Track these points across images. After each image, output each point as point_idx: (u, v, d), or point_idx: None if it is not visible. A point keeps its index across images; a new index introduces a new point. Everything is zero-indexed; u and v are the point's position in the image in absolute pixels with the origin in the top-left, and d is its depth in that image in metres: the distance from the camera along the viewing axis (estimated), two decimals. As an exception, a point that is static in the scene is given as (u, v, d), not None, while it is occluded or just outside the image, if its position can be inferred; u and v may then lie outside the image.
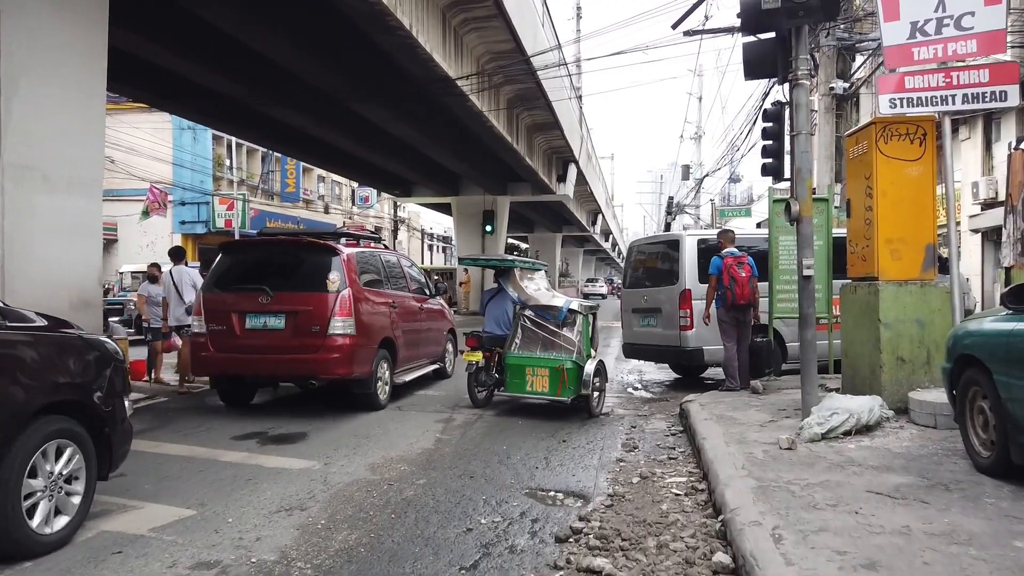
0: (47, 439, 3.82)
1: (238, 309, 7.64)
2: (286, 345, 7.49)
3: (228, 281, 7.97)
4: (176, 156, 32.37)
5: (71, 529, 3.97)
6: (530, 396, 7.91)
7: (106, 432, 4.24)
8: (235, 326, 7.62)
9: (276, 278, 7.76)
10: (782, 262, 8.79)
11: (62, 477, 3.93)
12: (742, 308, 8.37)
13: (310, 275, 7.70)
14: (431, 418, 7.77)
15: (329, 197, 47.83)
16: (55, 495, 3.89)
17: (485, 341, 8.11)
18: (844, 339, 6.61)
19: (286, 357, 7.51)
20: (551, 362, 7.61)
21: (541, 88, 20.30)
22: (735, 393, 8.01)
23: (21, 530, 3.64)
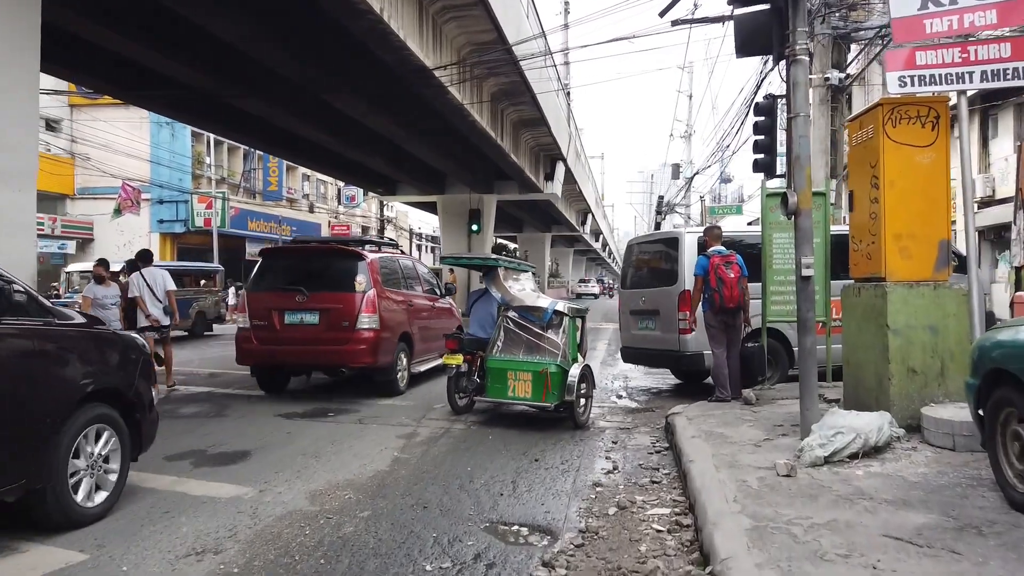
0: (89, 423, 4.33)
1: (278, 307, 8.76)
2: (320, 338, 8.67)
3: (268, 282, 9.10)
4: (153, 153, 31.52)
5: (109, 503, 4.50)
6: (512, 402, 7.44)
7: (137, 418, 4.77)
8: (275, 322, 8.77)
9: (310, 280, 8.81)
10: (776, 261, 8.14)
11: (101, 457, 4.46)
12: (731, 312, 7.73)
13: (340, 277, 8.81)
14: (393, 432, 7.07)
15: (314, 196, 47.00)
16: (95, 473, 4.41)
17: (466, 343, 7.71)
18: (846, 346, 5.95)
19: (320, 348, 8.70)
20: (534, 366, 7.16)
21: (526, 82, 19.60)
22: (726, 404, 7.34)
23: (69, 503, 4.16)
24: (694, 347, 8.67)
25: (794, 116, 5.38)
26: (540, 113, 23.39)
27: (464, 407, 7.90)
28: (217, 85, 14.57)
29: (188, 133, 32.58)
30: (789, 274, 8.10)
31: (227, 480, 5.34)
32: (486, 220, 31.42)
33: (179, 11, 10.97)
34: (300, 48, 13.02)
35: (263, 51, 12.93)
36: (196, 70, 13.75)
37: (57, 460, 4.05)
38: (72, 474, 4.18)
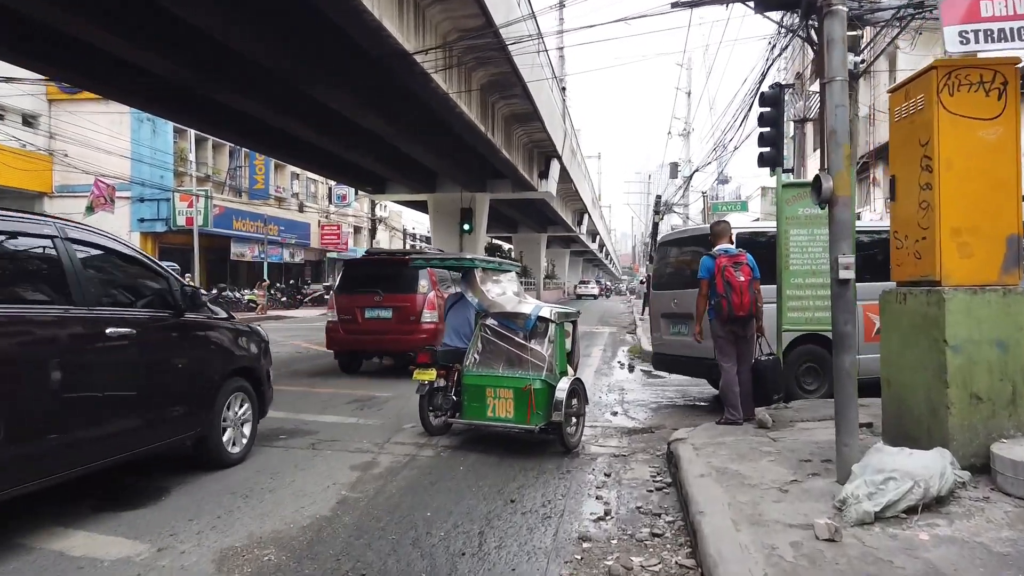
0: (233, 391, 5.92)
1: (359, 305, 11.18)
2: (392, 329, 10.98)
3: (351, 286, 11.52)
4: (134, 150, 30.45)
5: (244, 453, 6.01)
6: (492, 424, 6.48)
7: (262, 389, 6.39)
8: (357, 317, 11.18)
9: (384, 284, 11.12)
10: (794, 261, 7.12)
11: (239, 418, 6.02)
12: (741, 320, 6.70)
13: (407, 282, 10.98)
14: (347, 461, 6.02)
15: (304, 195, 45.92)
16: (237, 429, 5.96)
17: (440, 356, 6.77)
18: (885, 364, 4.92)
19: (391, 338, 11.04)
20: (516, 381, 6.33)
21: (517, 73, 18.60)
22: (737, 428, 6.30)
23: (221, 449, 5.72)
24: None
25: (829, 81, 4.35)
26: (533, 107, 22.40)
27: (439, 428, 6.95)
28: (193, 77, 13.54)
29: (170, 129, 31.50)
30: (808, 276, 7.09)
31: (124, 532, 4.29)
32: (478, 219, 30.45)
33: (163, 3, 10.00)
34: (275, 36, 12.04)
35: (238, 39, 11.96)
36: (171, 61, 12.76)
37: (216, 416, 5.65)
38: (223, 429, 5.77)
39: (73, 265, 4.44)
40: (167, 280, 5.39)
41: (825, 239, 6.99)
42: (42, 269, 4.38)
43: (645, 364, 13.74)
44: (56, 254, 4.35)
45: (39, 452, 4.02)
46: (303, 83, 13.52)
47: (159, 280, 5.36)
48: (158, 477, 5.51)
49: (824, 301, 7.04)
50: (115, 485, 5.28)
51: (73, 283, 4.40)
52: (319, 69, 12.87)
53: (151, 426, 4.96)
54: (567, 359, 6.86)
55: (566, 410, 6.21)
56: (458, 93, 16.42)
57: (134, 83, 13.58)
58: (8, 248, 4.17)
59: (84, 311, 4.41)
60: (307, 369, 12.34)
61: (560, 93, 31.68)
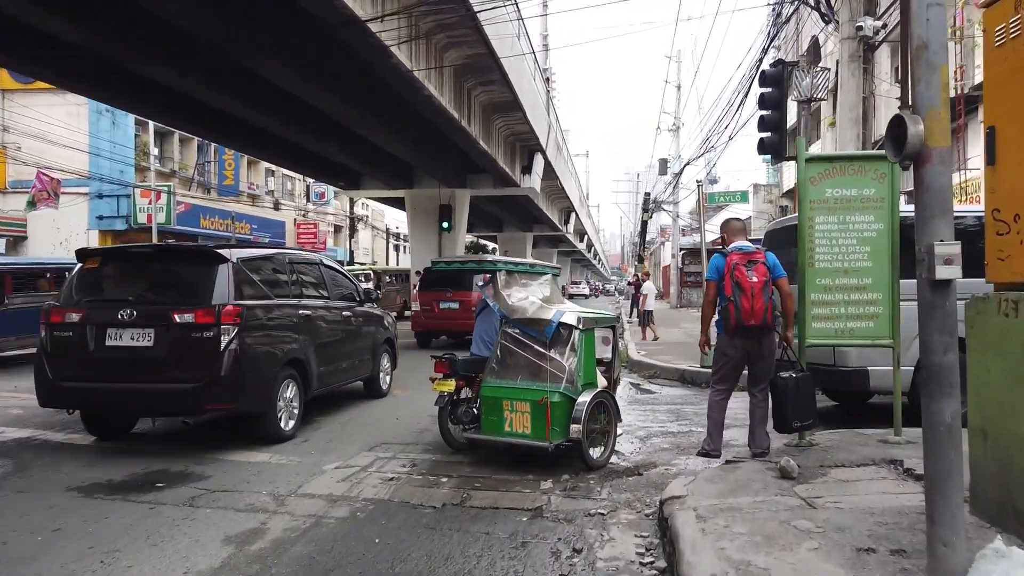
0: (384, 352, 9.29)
1: (436, 300, 15.92)
2: (460, 316, 15.24)
3: (429, 286, 16.20)
4: (92, 144, 28.61)
5: (389, 388, 9.53)
6: (510, 440, 5.90)
7: (395, 352, 9.77)
8: (434, 308, 15.98)
9: (453, 283, 15.39)
10: (820, 257, 5.57)
11: (387, 368, 9.50)
12: (754, 332, 5.36)
13: (468, 281, 14.78)
14: (225, 528, 4.41)
15: (280, 193, 44.14)
16: (386, 374, 9.48)
17: (459, 365, 6.34)
18: (980, 404, 3.37)
19: (458, 322, 15.24)
20: (533, 393, 5.78)
21: (494, 55, 16.99)
22: (753, 485, 4.70)
23: (380, 387, 9.28)
24: (856, 360, 6.66)
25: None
26: (513, 95, 20.79)
27: (464, 443, 6.36)
28: (111, 47, 11.84)
29: (131, 122, 29.72)
30: (838, 276, 5.54)
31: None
32: (458, 217, 28.81)
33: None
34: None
35: (161, 3, 10.29)
36: (85, 28, 11.06)
37: (378, 365, 9.07)
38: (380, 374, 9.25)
39: (325, 278, 8.25)
40: (354, 284, 9.07)
41: (862, 227, 5.49)
42: (318, 281, 8.09)
43: (632, 375, 12.18)
44: (320, 272, 8.22)
45: (325, 373, 7.59)
46: (243, 55, 11.86)
47: (350, 284, 8.93)
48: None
49: (860, 308, 5.51)
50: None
51: (327, 287, 8.20)
52: (256, 36, 11.22)
53: (355, 368, 8.45)
54: (607, 369, 6.53)
55: (589, 426, 5.73)
56: (426, 71, 14.80)
57: (42, 54, 11.89)
58: (306, 269, 7.92)
59: (331, 301, 8.09)
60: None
61: (544, 84, 30.16)
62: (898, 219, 5.48)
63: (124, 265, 6.98)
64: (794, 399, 5.31)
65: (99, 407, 6.72)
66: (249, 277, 6.70)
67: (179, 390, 6.08)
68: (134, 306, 6.19)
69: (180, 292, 6.48)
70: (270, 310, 6.80)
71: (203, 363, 6.05)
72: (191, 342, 6.08)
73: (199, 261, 6.69)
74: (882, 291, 5.47)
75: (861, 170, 5.51)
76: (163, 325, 6.11)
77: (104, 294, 6.61)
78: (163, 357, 6.09)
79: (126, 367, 6.17)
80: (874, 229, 5.48)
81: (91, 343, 6.19)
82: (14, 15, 10.72)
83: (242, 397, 6.29)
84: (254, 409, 6.52)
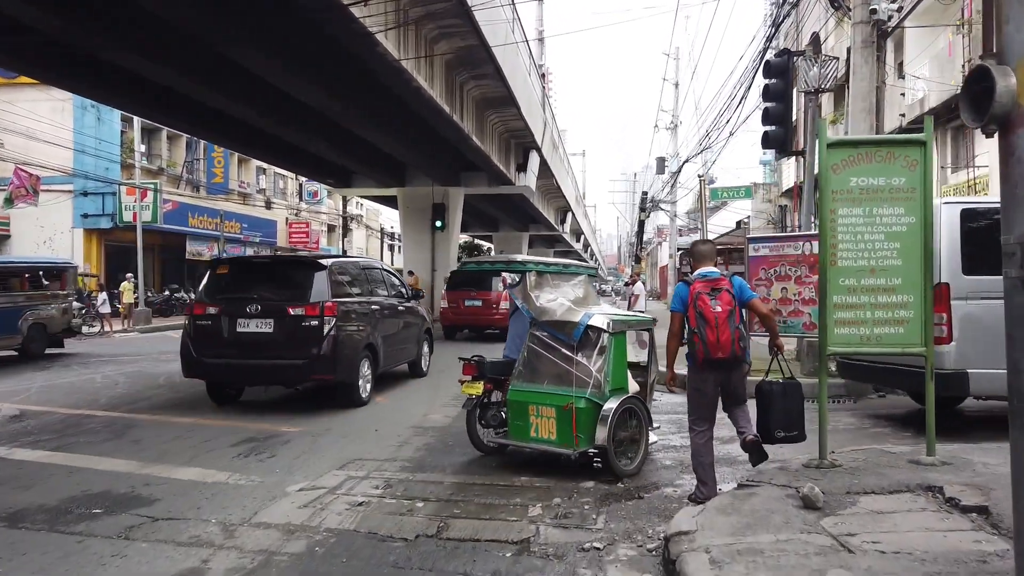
0: (424, 340, 11.10)
1: (461, 297, 18.14)
2: (484, 313, 17.98)
3: (455, 286, 18.55)
4: (77, 140, 27.90)
5: (429, 367, 11.06)
6: (536, 446, 5.78)
7: (432, 340, 11.58)
8: (460, 304, 18.20)
9: (477, 283, 17.86)
10: (844, 254, 4.95)
11: (425, 354, 11.20)
12: (723, 365, 4.73)
13: (490, 282, 17.81)
14: (161, 568, 3.79)
15: (272, 191, 43.45)
16: (425, 359, 11.22)
17: (488, 368, 6.23)
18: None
19: (481, 317, 18.08)
20: (558, 398, 5.61)
21: (486, 47, 16.36)
22: (773, 513, 4.08)
23: (421, 368, 11.05)
24: (954, 362, 6.31)
25: None
26: (507, 90, 20.17)
27: (494, 447, 6.25)
28: (83, 34, 11.19)
29: (117, 118, 29.05)
30: (864, 275, 4.93)
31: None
32: (452, 215, 28.21)
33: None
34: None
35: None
36: (55, 16, 10.40)
37: (420, 351, 10.84)
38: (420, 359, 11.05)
39: (384, 279, 10.25)
40: (402, 283, 11.07)
41: (891, 221, 4.88)
42: (380, 282, 10.00)
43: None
44: (381, 275, 10.22)
45: (387, 354, 9.33)
46: (219, 42, 11.22)
47: (400, 285, 10.88)
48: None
49: (889, 312, 4.90)
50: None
51: (386, 286, 10.08)
52: (232, 21, 10.57)
53: (405, 352, 10.36)
54: (643, 373, 6.28)
55: (617, 433, 5.49)
56: (415, 62, 14.17)
57: (13, 41, 11.23)
58: (372, 273, 9.97)
59: (389, 299, 9.92)
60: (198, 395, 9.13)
61: (540, 79, 29.57)
62: (932, 212, 4.86)
63: (247, 271, 9.40)
64: (780, 407, 4.86)
65: (230, 378, 8.72)
66: (339, 280, 8.71)
67: (293, 364, 8.08)
68: (258, 302, 8.16)
69: (291, 292, 8.38)
70: (354, 305, 8.79)
71: (310, 344, 7.99)
72: (301, 329, 8.05)
73: (304, 268, 8.92)
74: (913, 293, 4.86)
75: (890, 156, 4.90)
76: (280, 316, 8.10)
77: (234, 293, 8.46)
78: (280, 340, 8.05)
79: (252, 348, 8.12)
80: (904, 223, 4.87)
81: (225, 330, 8.16)
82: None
83: (338, 370, 8.21)
84: (346, 379, 8.33)
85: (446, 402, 8.73)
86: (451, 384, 8.05)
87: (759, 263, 10.18)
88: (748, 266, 10.29)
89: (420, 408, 8.53)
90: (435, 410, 8.39)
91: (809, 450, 5.17)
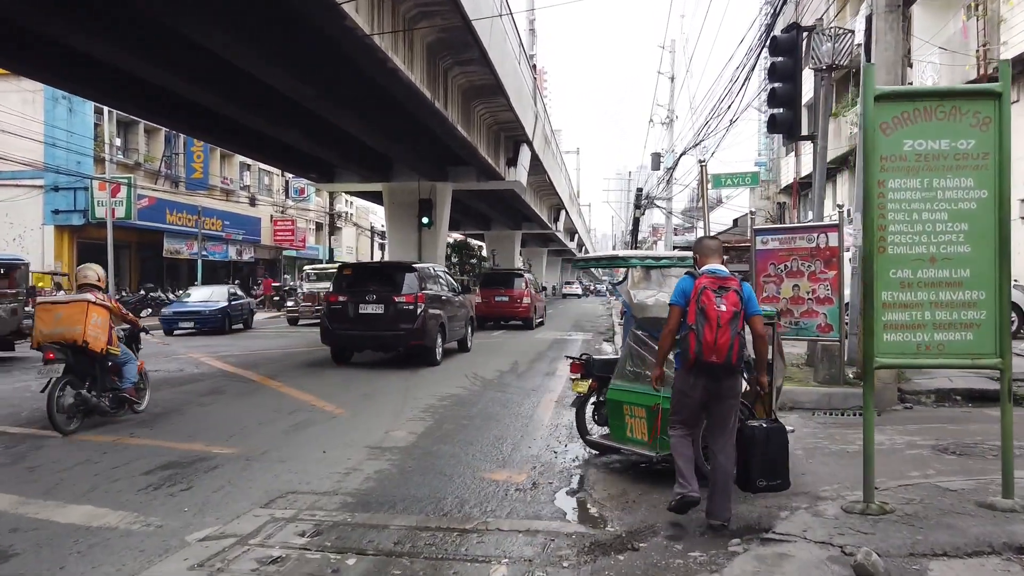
0: (468, 324, 15.19)
1: (492, 294, 22.87)
2: (508, 307, 22.69)
3: (487, 284, 23.96)
4: (48, 133, 26.69)
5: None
6: (629, 447, 5.61)
7: (474, 324, 16.41)
8: (492, 300, 22.73)
9: (504, 283, 23.33)
10: (895, 239, 3.87)
11: (470, 334, 15.29)
12: (714, 371, 4.20)
13: (514, 281, 23.36)
14: None
15: (256, 188, 42.25)
16: (470, 339, 15.26)
17: (596, 366, 6.23)
18: None
19: (507, 311, 22.69)
20: (647, 398, 5.35)
21: (471, 29, 15.26)
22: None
23: (468, 345, 14.98)
24: None
25: None
26: (495, 78, 19.08)
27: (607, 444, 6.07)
28: (21, 8, 10.05)
29: (90, 110, 27.88)
30: (923, 266, 3.85)
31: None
32: (439, 212, 27.03)
33: None
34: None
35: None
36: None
37: (468, 332, 14.96)
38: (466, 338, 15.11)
39: (447, 279, 15.00)
40: (452, 279, 15.84)
41: (957, 196, 3.82)
42: (445, 281, 14.54)
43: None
44: (444, 277, 14.92)
45: (450, 332, 13.35)
46: (167, 16, 10.07)
47: (455, 283, 15.62)
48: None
49: (954, 313, 3.82)
50: None
51: (446, 285, 14.32)
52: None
53: (458, 331, 14.12)
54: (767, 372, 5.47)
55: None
56: (393, 40, 13.05)
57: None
58: (442, 277, 14.66)
59: (448, 293, 14.02)
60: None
61: (531, 70, 28.48)
62: (1009, 183, 3.77)
63: (364, 272, 14.11)
64: (763, 453, 4.39)
65: (353, 345, 12.76)
66: (423, 278, 12.68)
67: (396, 335, 12.04)
68: (373, 293, 12.16)
69: (395, 285, 12.30)
70: (433, 296, 12.75)
71: (408, 321, 11.90)
72: (403, 311, 11.93)
73: (402, 270, 12.88)
74: (985, 288, 3.79)
75: (955, 112, 3.82)
76: (388, 302, 12.00)
77: (355, 287, 12.54)
78: (389, 318, 11.95)
79: (369, 324, 12.07)
80: (973, 198, 3.80)
81: (351, 312, 12.10)
82: None
83: (426, 339, 12.12)
84: (430, 345, 12.26)
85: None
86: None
87: (767, 257, 9.11)
88: (755, 261, 9.21)
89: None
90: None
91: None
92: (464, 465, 5.87)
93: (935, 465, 5.51)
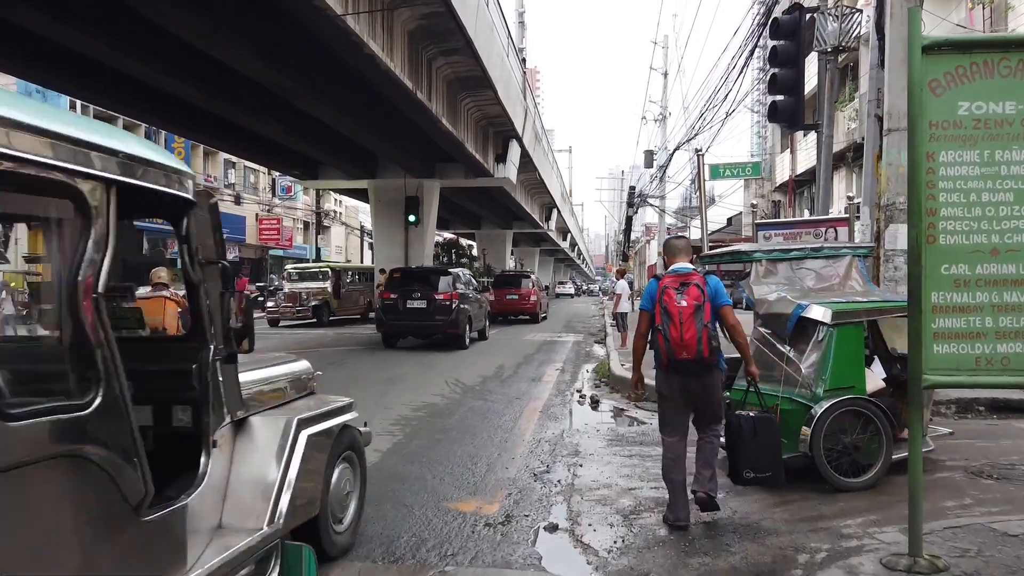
0: (487, 317, 19.42)
1: (504, 293, 26.24)
2: (516, 304, 26.23)
3: (499, 284, 27.51)
4: (21, 127, 25.74)
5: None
6: None
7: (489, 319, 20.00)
8: (503, 298, 25.78)
9: (514, 283, 27.55)
10: (949, 224, 3.10)
11: (487, 327, 19.12)
12: (689, 368, 4.24)
13: (522, 281, 27.91)
14: None
15: (242, 186, 41.36)
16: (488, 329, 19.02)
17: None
18: None
19: (517, 308, 26.28)
20: (767, 398, 4.97)
21: (454, 15, 14.52)
22: None
23: (486, 335, 18.55)
24: None
25: None
26: (481, 69, 18.32)
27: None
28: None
29: (65, 103, 26.92)
30: (986, 260, 3.09)
31: None
32: (427, 209, 26.27)
33: None
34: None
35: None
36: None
37: (486, 324, 18.80)
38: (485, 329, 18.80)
39: (472, 281, 18.88)
40: (476, 280, 21.02)
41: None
42: (470, 282, 18.53)
43: (614, 396, 9.67)
44: (470, 279, 19.54)
45: (473, 324, 16.79)
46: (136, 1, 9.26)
47: (476, 283, 19.99)
48: None
49: (1023, 319, 3.03)
50: None
51: (472, 285, 18.42)
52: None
53: (479, 324, 17.56)
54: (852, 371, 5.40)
55: (839, 439, 4.89)
56: (370, 25, 12.25)
57: None
58: (469, 279, 18.82)
59: (473, 293, 17.74)
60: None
61: (520, 64, 27.71)
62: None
63: (410, 275, 16.94)
64: (750, 443, 4.45)
65: (402, 332, 16.06)
66: (458, 279, 16.43)
67: (435, 324, 15.51)
68: (418, 291, 15.59)
69: (434, 286, 15.75)
70: (463, 294, 16.13)
71: (446, 314, 15.31)
72: (442, 306, 15.33)
73: (440, 274, 16.67)
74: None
75: (1022, 67, 3.05)
76: (430, 299, 15.41)
77: (403, 286, 15.90)
78: (430, 312, 15.36)
79: (415, 315, 15.52)
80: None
81: (400, 306, 15.53)
82: None
83: (458, 328, 15.57)
84: (462, 333, 15.65)
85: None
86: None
87: (771, 255, 8.44)
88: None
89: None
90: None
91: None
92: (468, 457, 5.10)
93: (972, 493, 4.76)
